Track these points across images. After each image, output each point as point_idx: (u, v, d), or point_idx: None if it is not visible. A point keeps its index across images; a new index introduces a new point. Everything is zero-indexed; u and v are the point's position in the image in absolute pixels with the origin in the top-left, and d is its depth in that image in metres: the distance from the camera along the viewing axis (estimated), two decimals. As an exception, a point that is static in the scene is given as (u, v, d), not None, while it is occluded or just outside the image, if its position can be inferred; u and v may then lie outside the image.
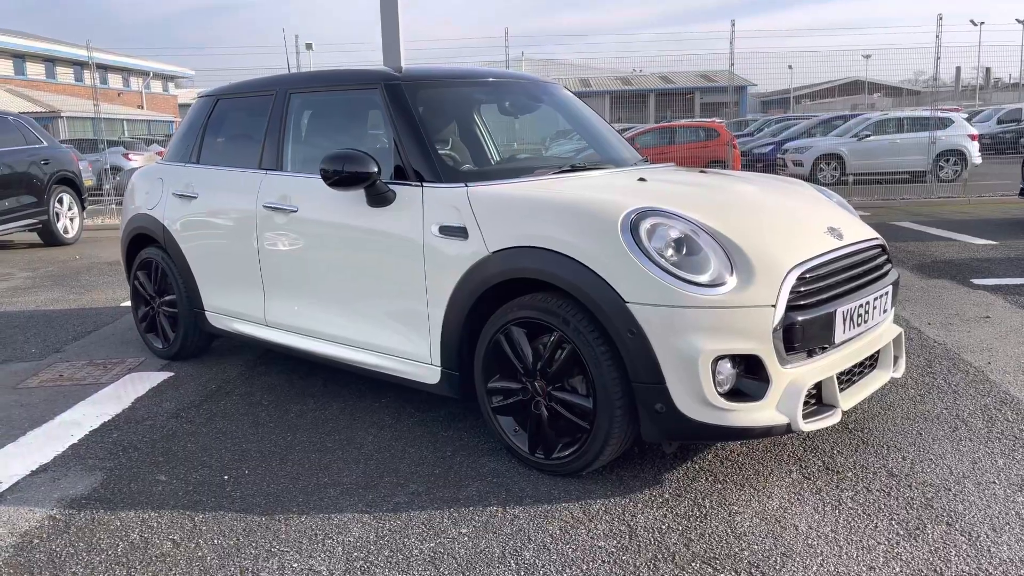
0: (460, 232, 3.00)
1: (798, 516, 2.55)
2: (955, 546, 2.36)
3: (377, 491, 2.82)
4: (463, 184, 3.11)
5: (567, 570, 2.29)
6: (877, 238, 3.20)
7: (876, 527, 2.47)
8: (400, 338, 3.28)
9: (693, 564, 2.30)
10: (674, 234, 2.67)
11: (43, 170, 9.72)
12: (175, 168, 4.41)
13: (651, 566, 2.30)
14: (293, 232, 3.63)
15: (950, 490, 2.70)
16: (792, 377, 2.65)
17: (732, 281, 2.60)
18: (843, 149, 16.26)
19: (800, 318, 2.63)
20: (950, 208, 11.17)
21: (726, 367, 2.60)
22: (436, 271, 3.07)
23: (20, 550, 2.50)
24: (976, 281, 5.97)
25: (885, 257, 3.20)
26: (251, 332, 3.98)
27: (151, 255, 4.46)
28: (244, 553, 2.43)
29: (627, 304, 2.59)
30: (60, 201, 9.95)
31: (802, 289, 2.68)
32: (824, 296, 2.75)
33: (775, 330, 2.58)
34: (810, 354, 2.73)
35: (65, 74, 41.27)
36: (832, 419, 2.79)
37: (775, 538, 2.42)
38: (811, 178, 15.69)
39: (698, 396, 2.57)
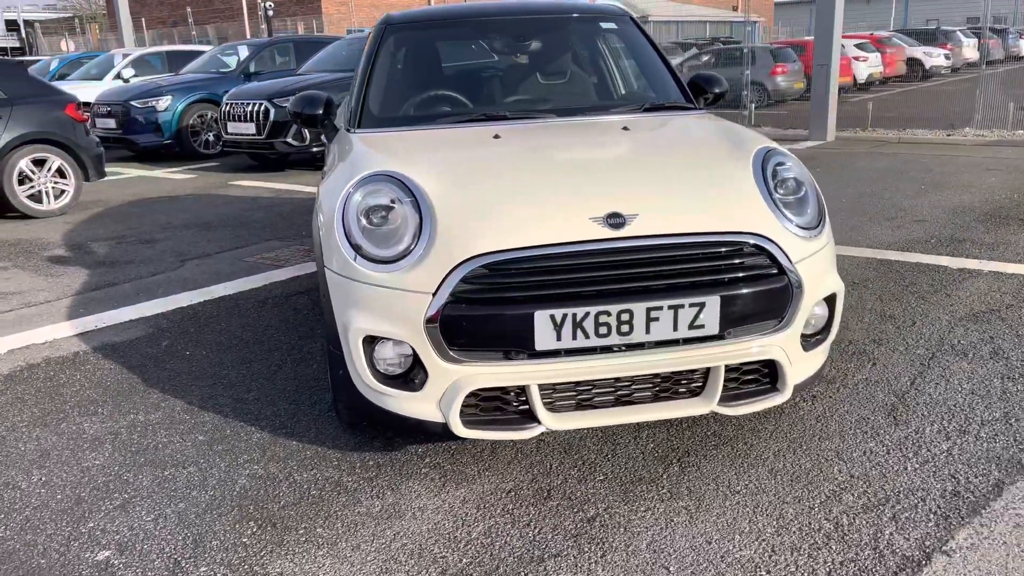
0: (325, 175, 3.24)
1: (431, 523, 2.39)
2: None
3: (232, 390, 3.36)
4: (356, 130, 3.30)
5: (186, 492, 2.61)
6: (729, 234, 2.45)
7: (448, 558, 2.22)
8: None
9: (247, 524, 2.42)
10: (379, 201, 2.57)
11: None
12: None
13: (232, 518, 2.48)
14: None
15: (624, 548, 2.18)
16: (460, 376, 2.41)
17: (410, 260, 2.45)
18: None
19: (468, 313, 2.35)
20: None
21: (390, 349, 2.49)
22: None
23: (32, 367, 3.72)
24: None
25: (742, 261, 2.45)
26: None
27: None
28: (96, 412, 3.26)
29: (326, 269, 2.65)
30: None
31: (492, 281, 2.36)
32: (524, 293, 2.36)
33: (430, 320, 2.37)
34: (507, 356, 2.41)
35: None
36: (521, 434, 2.44)
37: (371, 536, 2.36)
38: None
39: (357, 372, 2.54)
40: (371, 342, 2.48)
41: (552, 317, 2.31)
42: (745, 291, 2.42)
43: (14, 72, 7.42)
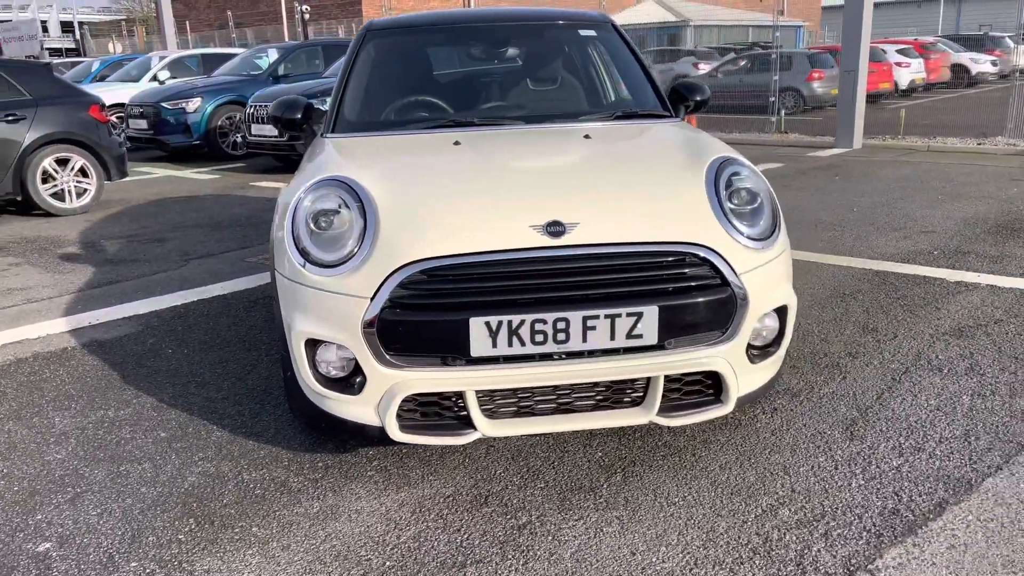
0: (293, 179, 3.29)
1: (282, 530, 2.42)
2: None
3: (204, 388, 3.42)
4: (329, 134, 3.36)
5: (136, 488, 2.67)
6: (670, 244, 2.43)
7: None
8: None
9: (187, 521, 2.47)
10: (326, 206, 2.60)
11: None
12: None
13: (174, 514, 2.53)
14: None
15: (547, 557, 2.19)
16: (397, 380, 2.43)
17: (352, 265, 2.48)
18: None
19: (404, 319, 2.37)
20: None
21: (332, 352, 2.52)
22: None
23: (21, 361, 3.83)
24: None
25: (684, 271, 2.43)
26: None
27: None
28: (69, 407, 3.35)
29: (276, 272, 2.70)
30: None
31: (429, 287, 2.38)
32: (459, 300, 2.37)
33: (367, 325, 2.39)
34: (445, 362, 2.42)
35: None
36: (457, 440, 2.46)
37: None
38: None
39: (301, 375, 2.58)
40: (313, 345, 2.51)
41: (487, 324, 2.32)
42: (685, 302, 2.40)
43: (39, 73, 7.64)
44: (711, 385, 2.56)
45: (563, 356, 2.41)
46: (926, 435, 2.78)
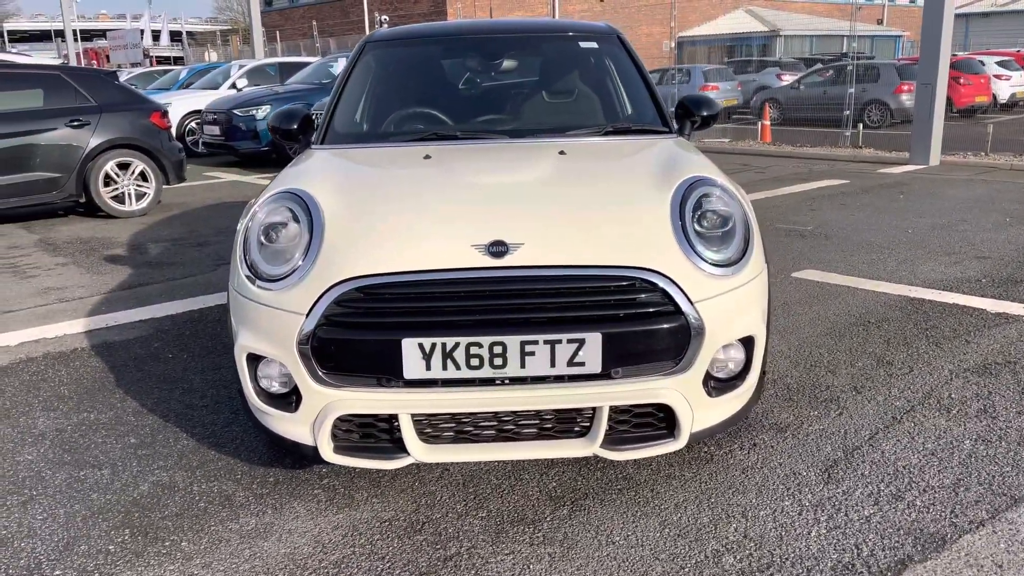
0: (278, 188, 3.29)
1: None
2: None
3: (188, 395, 3.45)
4: (316, 145, 3.35)
5: (87, 494, 2.70)
6: (618, 268, 2.31)
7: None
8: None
9: (122, 532, 2.47)
10: (276, 219, 2.58)
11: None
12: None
13: (113, 524, 2.54)
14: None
15: (431, 600, 2.10)
16: (331, 400, 2.38)
17: (292, 280, 2.44)
18: None
19: (337, 337, 2.32)
20: None
21: (273, 368, 2.49)
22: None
23: (30, 360, 3.95)
24: None
25: (632, 297, 2.31)
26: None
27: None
28: (57, 408, 3.43)
29: (230, 286, 2.69)
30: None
31: (365, 306, 2.32)
32: (393, 320, 2.31)
33: (302, 342, 2.35)
34: (380, 383, 2.36)
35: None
36: (389, 464, 2.39)
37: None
38: None
39: (244, 391, 2.56)
40: (255, 360, 2.48)
41: (421, 346, 2.25)
42: (631, 329, 2.27)
43: (104, 81, 7.95)
44: (664, 418, 2.41)
45: (506, 382, 2.30)
46: (911, 482, 2.56)
